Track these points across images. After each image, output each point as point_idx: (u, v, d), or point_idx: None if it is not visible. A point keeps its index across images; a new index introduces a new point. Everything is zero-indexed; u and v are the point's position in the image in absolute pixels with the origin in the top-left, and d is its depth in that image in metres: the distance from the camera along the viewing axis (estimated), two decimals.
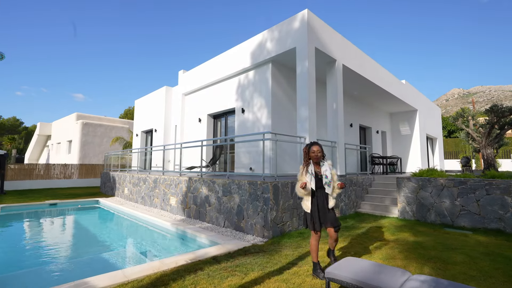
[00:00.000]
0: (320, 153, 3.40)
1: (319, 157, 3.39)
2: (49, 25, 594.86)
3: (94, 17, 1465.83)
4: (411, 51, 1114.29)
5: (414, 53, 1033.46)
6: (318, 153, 3.38)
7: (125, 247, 5.69)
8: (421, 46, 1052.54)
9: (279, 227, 5.38)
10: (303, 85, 6.66)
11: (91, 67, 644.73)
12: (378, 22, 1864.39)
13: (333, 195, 3.39)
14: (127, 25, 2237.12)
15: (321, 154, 3.41)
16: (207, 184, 6.82)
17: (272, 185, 5.31)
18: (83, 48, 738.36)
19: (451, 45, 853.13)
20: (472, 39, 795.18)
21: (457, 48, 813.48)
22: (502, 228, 5.43)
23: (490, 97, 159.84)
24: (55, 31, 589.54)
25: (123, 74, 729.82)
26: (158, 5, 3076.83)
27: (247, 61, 8.44)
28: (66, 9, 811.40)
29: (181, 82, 11.81)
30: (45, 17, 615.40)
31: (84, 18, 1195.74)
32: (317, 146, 3.43)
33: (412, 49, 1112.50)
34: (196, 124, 10.91)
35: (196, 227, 6.20)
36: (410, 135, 14.30)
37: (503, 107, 7.70)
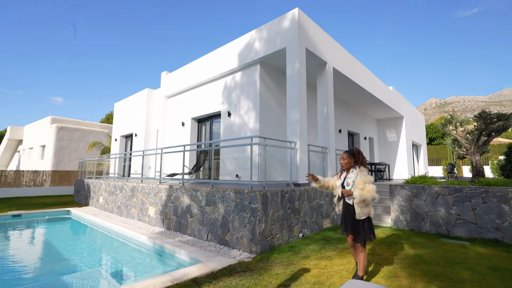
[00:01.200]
0: (344, 160, 3.39)
1: (344, 164, 3.40)
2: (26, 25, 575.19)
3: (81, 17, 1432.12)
4: (391, 61, 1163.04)
5: (394, 63, 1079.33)
6: (342, 160, 3.42)
7: (93, 266, 4.98)
8: (400, 58, 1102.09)
9: (268, 241, 4.88)
10: (293, 86, 6.29)
11: (72, 69, 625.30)
12: (356, 34, 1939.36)
13: (356, 203, 3.21)
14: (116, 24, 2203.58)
15: (346, 162, 3.38)
16: (189, 192, 6.24)
17: (260, 194, 4.83)
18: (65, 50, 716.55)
19: (428, 57, 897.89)
20: (447, 52, 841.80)
21: (434, 59, 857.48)
22: (500, 238, 5.20)
23: (464, 107, 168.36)
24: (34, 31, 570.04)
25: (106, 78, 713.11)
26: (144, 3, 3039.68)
27: (234, 62, 8.01)
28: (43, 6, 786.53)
29: (164, 84, 11.19)
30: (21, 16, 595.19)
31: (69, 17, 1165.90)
32: (344, 153, 3.46)
33: (392, 60, 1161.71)
34: (179, 128, 10.30)
35: (176, 241, 5.58)
36: (397, 141, 14.31)
37: (491, 113, 7.66)
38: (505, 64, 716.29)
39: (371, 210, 3.27)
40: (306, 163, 6.31)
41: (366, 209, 3.22)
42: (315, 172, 7.45)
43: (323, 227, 6.42)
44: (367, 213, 3.23)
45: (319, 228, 6.27)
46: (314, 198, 6.24)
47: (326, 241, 5.38)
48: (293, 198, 5.58)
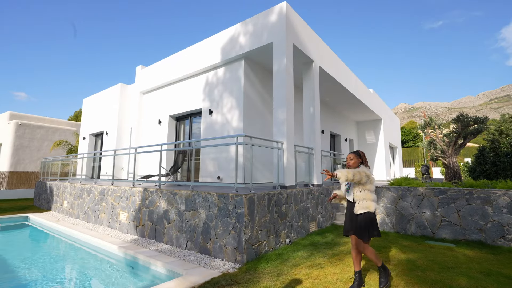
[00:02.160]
0: (352, 160, 3.42)
1: (351, 165, 3.41)
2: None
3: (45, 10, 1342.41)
4: (361, 68, 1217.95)
5: (365, 69, 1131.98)
6: (350, 161, 3.44)
7: (51, 283, 4.28)
8: (370, 65, 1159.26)
9: (254, 249, 4.50)
10: (280, 84, 5.98)
11: (37, 63, 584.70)
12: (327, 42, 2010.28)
13: (356, 199, 3.23)
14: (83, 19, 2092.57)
15: (354, 162, 3.40)
16: (166, 196, 5.69)
17: (247, 198, 4.43)
18: (29, 43, 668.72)
19: (397, 64, 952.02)
20: (414, 60, 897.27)
21: (402, 67, 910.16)
22: (483, 240, 5.23)
23: (429, 112, 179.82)
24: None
25: (75, 73, 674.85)
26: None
27: (216, 57, 7.55)
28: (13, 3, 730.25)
29: (139, 79, 10.43)
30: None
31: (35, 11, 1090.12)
32: (350, 154, 3.49)
33: (362, 66, 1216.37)
34: (156, 127, 9.61)
35: (151, 251, 5.02)
36: (375, 143, 14.58)
37: (468, 116, 7.87)
38: (464, 73, 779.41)
39: (371, 205, 3.18)
40: (293, 164, 6.02)
41: (364, 203, 3.17)
42: (300, 174, 7.19)
43: (309, 231, 6.16)
44: (365, 206, 3.17)
45: (305, 233, 6.00)
46: (301, 201, 5.96)
47: (314, 247, 5.10)
48: (280, 202, 5.24)
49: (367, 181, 3.22)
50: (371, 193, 3.24)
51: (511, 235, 5.00)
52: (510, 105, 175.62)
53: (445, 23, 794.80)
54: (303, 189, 6.10)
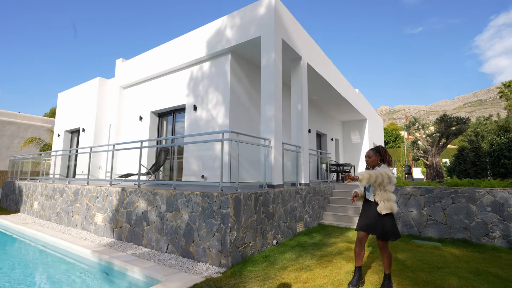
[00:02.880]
0: (370, 158, 3.32)
1: (370, 162, 3.32)
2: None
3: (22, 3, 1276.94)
4: (345, 72, 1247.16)
5: (348, 72, 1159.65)
6: (368, 158, 3.34)
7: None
8: (352, 69, 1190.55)
9: (240, 251, 4.25)
10: (268, 79, 5.77)
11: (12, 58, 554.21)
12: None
13: (378, 200, 3.13)
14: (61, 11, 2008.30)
15: (372, 159, 3.30)
16: (146, 196, 5.33)
17: (232, 197, 4.18)
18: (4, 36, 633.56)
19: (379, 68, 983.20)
20: (396, 64, 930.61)
21: (384, 70, 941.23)
22: (468, 238, 5.27)
23: (409, 114, 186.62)
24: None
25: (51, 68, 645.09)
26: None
27: (202, 51, 7.23)
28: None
29: (119, 73, 9.88)
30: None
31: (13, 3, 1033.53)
32: (369, 151, 3.38)
33: (346, 69, 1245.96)
34: (137, 123, 9.13)
35: (128, 255, 4.65)
36: (360, 143, 14.72)
37: (451, 117, 8.01)
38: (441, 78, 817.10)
39: (394, 206, 3.12)
40: (281, 163, 5.82)
41: (388, 204, 3.10)
42: (286, 173, 7.02)
43: (296, 232, 5.99)
44: (389, 207, 3.09)
45: (292, 233, 5.82)
46: (288, 200, 5.78)
47: (302, 248, 4.93)
48: (267, 201, 5.03)
49: (388, 182, 3.12)
50: (392, 194, 3.17)
51: (494, 233, 5.06)
52: (482, 109, 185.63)
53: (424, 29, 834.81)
54: (290, 188, 5.93)
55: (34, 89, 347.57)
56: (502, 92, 36.12)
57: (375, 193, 3.18)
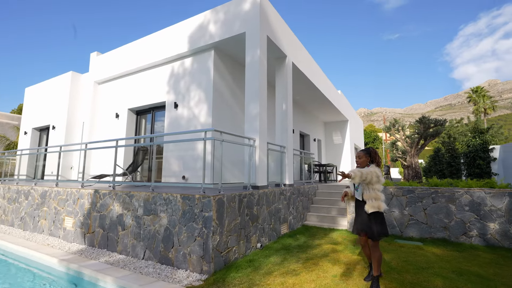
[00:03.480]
0: (360, 158, 3.37)
1: (360, 163, 3.37)
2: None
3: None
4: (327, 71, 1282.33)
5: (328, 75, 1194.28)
6: (358, 159, 3.40)
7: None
8: (332, 73, 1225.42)
9: (223, 256, 4.04)
10: (253, 76, 5.59)
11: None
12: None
13: (366, 199, 3.21)
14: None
15: (362, 160, 3.35)
16: (121, 198, 4.96)
17: (215, 199, 3.95)
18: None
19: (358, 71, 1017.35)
20: (374, 68, 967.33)
21: (363, 73, 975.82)
22: (447, 237, 5.38)
23: (386, 117, 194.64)
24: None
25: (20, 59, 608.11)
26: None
27: (183, 46, 6.91)
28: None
29: (94, 68, 9.29)
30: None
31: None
32: (360, 152, 3.43)
33: (326, 72, 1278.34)
34: (113, 121, 8.61)
35: (101, 263, 4.28)
36: (342, 144, 14.94)
37: (429, 118, 8.24)
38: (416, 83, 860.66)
39: (381, 205, 3.19)
40: (266, 163, 5.66)
41: (375, 203, 3.15)
42: (271, 173, 6.87)
43: (281, 234, 5.85)
44: (376, 206, 3.15)
45: (277, 235, 5.67)
46: (273, 202, 5.63)
47: (287, 251, 4.79)
48: (251, 203, 4.84)
49: (376, 181, 3.18)
50: (380, 193, 3.23)
51: (472, 232, 5.20)
52: (451, 112, 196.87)
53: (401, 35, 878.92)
54: (275, 189, 5.78)
55: (1, 83, 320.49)
56: (471, 97, 38.45)
57: (363, 192, 3.26)
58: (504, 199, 5.00)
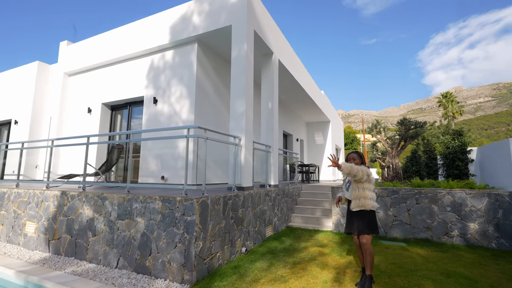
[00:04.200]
0: (355, 160, 3.41)
1: (356, 164, 3.31)
2: None
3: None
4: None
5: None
6: (353, 160, 3.41)
7: None
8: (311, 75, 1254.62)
9: (207, 263, 3.74)
10: (239, 72, 5.32)
11: None
12: None
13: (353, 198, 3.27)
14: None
15: (357, 162, 3.39)
16: (92, 201, 4.49)
17: (199, 202, 3.65)
18: None
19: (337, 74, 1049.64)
20: (351, 71, 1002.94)
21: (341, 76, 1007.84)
22: (429, 238, 5.44)
23: (361, 119, 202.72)
24: None
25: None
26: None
27: (164, 37, 6.49)
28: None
29: (64, 58, 8.54)
30: None
31: None
32: (354, 154, 3.50)
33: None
34: (84, 116, 7.95)
35: (67, 274, 3.82)
36: (323, 144, 15.05)
37: (410, 120, 8.42)
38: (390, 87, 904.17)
39: (369, 203, 3.19)
40: (251, 163, 5.42)
41: (361, 202, 3.18)
42: (256, 173, 6.65)
43: (266, 236, 5.64)
44: (361, 205, 3.18)
45: (262, 238, 5.45)
46: (258, 203, 5.40)
47: (273, 255, 4.58)
48: (236, 205, 4.58)
49: (366, 180, 3.22)
50: (370, 192, 3.24)
51: (453, 232, 5.29)
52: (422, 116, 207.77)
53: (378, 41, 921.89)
54: (260, 190, 5.55)
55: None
56: (441, 101, 40.68)
57: (352, 191, 3.31)
58: (484, 200, 5.13)
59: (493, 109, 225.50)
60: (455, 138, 6.98)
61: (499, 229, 4.97)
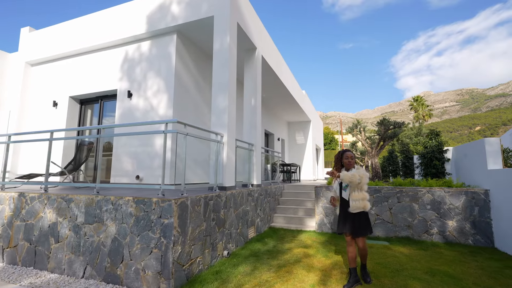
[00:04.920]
0: (352, 159, 3.39)
1: (352, 164, 3.36)
2: None
3: None
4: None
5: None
6: (351, 160, 3.37)
7: None
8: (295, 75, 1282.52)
9: (186, 270, 3.43)
10: (222, 65, 5.04)
11: None
12: None
13: (353, 199, 3.20)
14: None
15: (353, 161, 3.38)
16: (55, 203, 4.02)
17: (177, 203, 3.34)
18: None
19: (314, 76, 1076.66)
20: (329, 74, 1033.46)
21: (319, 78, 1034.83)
22: (410, 236, 5.50)
23: (339, 120, 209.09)
24: None
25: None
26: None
27: (141, 27, 6.04)
28: None
29: (25, 46, 7.75)
30: None
31: None
32: (350, 153, 3.45)
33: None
34: (49, 111, 7.25)
35: (23, 287, 3.34)
36: (304, 144, 15.10)
37: (389, 120, 8.57)
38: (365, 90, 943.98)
39: (366, 205, 3.22)
40: (234, 161, 5.16)
41: (361, 203, 3.17)
42: (238, 172, 6.39)
43: (248, 238, 5.40)
44: (361, 207, 3.18)
45: (244, 240, 5.21)
46: (241, 203, 5.15)
47: (257, 258, 4.36)
48: (218, 206, 4.30)
49: (365, 182, 3.23)
50: (366, 193, 3.28)
51: (432, 230, 5.38)
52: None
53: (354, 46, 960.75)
54: (243, 190, 5.31)
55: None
56: (412, 104, 42.83)
57: (351, 193, 3.25)
58: (461, 198, 5.26)
59: (457, 113, 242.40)
60: (432, 138, 7.20)
61: (475, 226, 5.11)
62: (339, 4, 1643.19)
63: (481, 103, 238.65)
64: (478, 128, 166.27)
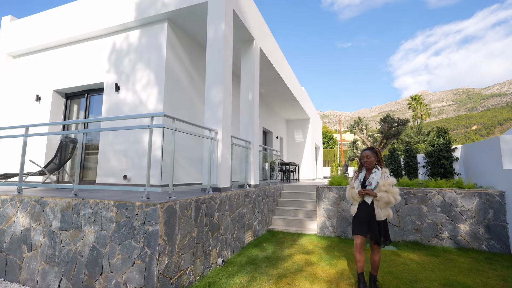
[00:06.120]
0: (368, 159, 3.08)
1: (369, 163, 3.08)
2: None
3: None
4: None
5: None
6: (367, 159, 3.10)
7: None
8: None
9: (174, 283, 3.02)
10: (217, 55, 4.61)
11: None
12: None
13: (378, 205, 2.94)
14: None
15: (371, 160, 3.07)
16: (28, 206, 3.58)
17: (164, 208, 2.92)
18: None
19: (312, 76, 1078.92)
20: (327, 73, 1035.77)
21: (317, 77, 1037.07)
22: (419, 240, 5.13)
23: (336, 119, 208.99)
24: None
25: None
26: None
27: (129, 14, 5.59)
28: None
29: (6, 36, 7.25)
30: None
31: None
32: (367, 151, 3.15)
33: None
34: (32, 105, 6.78)
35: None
36: (303, 142, 14.71)
37: (393, 118, 8.20)
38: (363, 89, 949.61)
39: (390, 213, 3.00)
40: (229, 160, 4.74)
41: (386, 211, 2.97)
42: (234, 172, 5.98)
43: (245, 243, 5.00)
44: (387, 215, 2.98)
45: (241, 246, 4.81)
46: (237, 206, 4.74)
47: (254, 266, 3.96)
48: (212, 210, 3.89)
49: (396, 193, 2.98)
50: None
51: (443, 234, 5.01)
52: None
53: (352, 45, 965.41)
54: (239, 191, 4.90)
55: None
56: (410, 103, 42.65)
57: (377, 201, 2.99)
58: (474, 200, 4.90)
59: (453, 112, 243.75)
60: (440, 135, 6.86)
61: (490, 230, 4.75)
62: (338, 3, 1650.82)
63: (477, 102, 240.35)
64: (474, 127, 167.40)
